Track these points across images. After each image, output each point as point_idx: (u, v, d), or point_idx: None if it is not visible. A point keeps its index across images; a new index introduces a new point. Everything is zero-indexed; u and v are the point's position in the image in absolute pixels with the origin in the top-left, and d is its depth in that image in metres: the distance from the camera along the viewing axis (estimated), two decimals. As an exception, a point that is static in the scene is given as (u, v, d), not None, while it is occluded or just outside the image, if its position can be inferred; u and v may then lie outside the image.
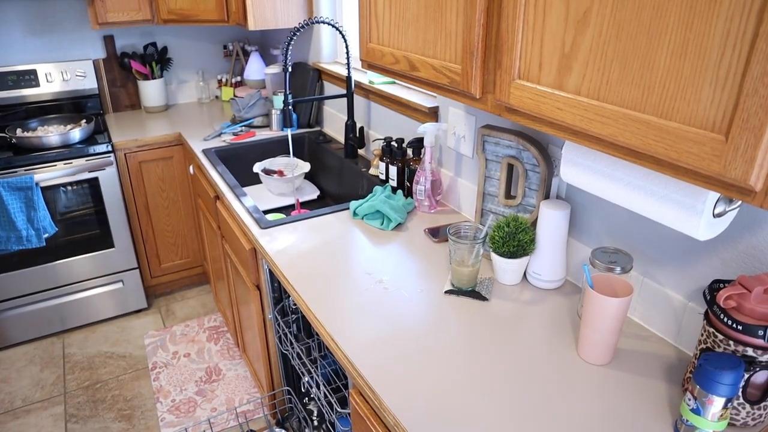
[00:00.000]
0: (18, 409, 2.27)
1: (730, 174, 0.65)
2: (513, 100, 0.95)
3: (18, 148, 2.39)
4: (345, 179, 2.18)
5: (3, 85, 2.64)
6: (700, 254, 1.07)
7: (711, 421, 0.86)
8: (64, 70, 2.74)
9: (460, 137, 1.64)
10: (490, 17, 0.98)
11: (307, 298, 1.30)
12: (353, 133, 2.15)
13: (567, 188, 1.34)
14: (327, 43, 2.48)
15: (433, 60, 1.14)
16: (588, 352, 1.09)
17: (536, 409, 0.98)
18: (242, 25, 2.40)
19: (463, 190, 1.69)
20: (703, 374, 0.85)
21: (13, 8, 2.62)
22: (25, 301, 2.55)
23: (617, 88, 0.77)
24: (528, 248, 1.29)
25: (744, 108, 0.61)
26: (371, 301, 1.29)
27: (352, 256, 1.47)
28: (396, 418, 0.96)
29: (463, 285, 1.31)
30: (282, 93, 2.51)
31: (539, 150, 1.31)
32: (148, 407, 2.26)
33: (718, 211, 0.89)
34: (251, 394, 2.33)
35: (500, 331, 1.19)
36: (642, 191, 0.95)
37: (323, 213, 1.72)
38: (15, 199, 2.27)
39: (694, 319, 1.09)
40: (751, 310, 0.86)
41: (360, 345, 1.14)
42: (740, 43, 0.61)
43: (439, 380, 1.05)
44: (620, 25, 0.74)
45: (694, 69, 0.66)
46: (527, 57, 0.91)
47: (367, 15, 1.34)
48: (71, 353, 2.59)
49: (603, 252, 1.15)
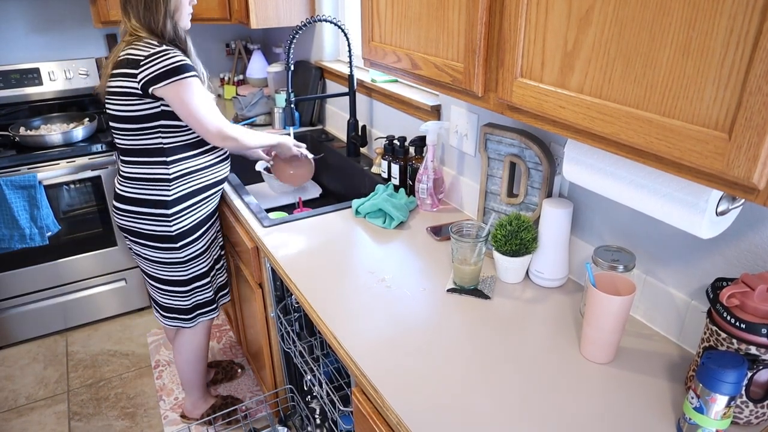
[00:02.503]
0: (21, 407, 2.28)
1: (733, 172, 0.64)
2: (515, 99, 0.95)
3: (21, 147, 2.39)
4: (347, 178, 2.18)
5: (6, 84, 2.64)
6: (702, 252, 1.07)
7: (714, 419, 0.86)
8: (66, 69, 2.75)
9: (463, 135, 1.64)
10: (493, 15, 0.98)
11: (309, 296, 1.30)
12: (355, 132, 2.15)
13: (569, 186, 1.33)
14: (329, 42, 2.48)
15: (436, 58, 1.14)
16: (591, 351, 1.09)
17: (539, 408, 0.98)
18: (245, 24, 2.40)
19: (466, 189, 1.69)
20: (706, 372, 0.85)
21: (16, 7, 2.62)
22: (29, 299, 2.55)
23: (620, 87, 0.77)
24: (530, 247, 1.29)
25: (747, 106, 0.61)
26: (373, 299, 1.29)
27: (355, 255, 1.48)
28: (398, 417, 0.97)
29: (466, 283, 1.31)
30: (284, 91, 2.51)
31: (542, 148, 1.31)
32: (151, 405, 2.27)
33: (721, 210, 0.88)
34: (254, 392, 2.33)
35: (503, 329, 1.19)
36: (645, 189, 0.95)
37: (325, 211, 1.72)
38: (18, 198, 2.28)
39: (697, 317, 1.09)
40: (755, 309, 0.86)
41: (362, 343, 1.14)
42: (743, 41, 0.61)
43: (442, 378, 1.05)
44: (623, 23, 0.74)
45: (696, 67, 0.66)
46: (529, 55, 0.91)
47: (369, 13, 1.34)
48: (74, 351, 2.59)
49: (605, 250, 1.15)
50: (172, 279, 1.82)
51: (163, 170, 1.67)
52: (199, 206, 1.77)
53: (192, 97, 1.59)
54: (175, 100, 1.58)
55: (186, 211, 1.74)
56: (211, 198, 1.81)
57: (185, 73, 1.57)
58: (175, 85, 1.56)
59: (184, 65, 1.58)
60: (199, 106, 1.60)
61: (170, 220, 1.71)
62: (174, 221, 1.72)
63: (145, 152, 1.66)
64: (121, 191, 1.72)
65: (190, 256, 1.80)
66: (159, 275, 1.82)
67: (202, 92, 1.62)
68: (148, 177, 1.68)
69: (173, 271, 1.80)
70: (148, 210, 1.70)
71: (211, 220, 1.85)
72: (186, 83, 1.57)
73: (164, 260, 1.77)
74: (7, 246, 2.32)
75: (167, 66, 1.55)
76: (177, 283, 1.83)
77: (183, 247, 1.77)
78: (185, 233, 1.75)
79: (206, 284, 1.89)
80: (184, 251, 1.77)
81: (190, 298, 1.88)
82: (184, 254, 1.78)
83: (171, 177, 1.68)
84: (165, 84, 1.55)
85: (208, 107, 1.63)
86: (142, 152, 1.66)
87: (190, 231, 1.76)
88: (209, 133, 1.63)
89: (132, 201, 1.70)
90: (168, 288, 1.84)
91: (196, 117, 1.60)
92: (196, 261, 1.82)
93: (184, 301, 1.87)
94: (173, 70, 1.56)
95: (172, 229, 1.72)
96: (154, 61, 1.56)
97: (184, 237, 1.75)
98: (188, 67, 1.59)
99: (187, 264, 1.80)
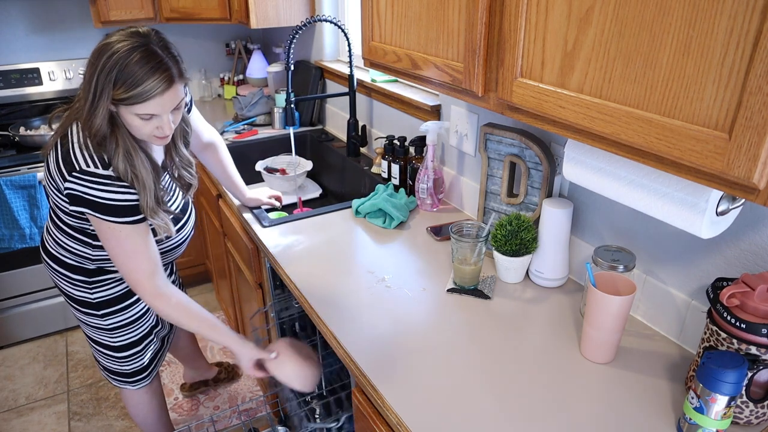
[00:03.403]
0: (22, 407, 2.28)
1: (734, 172, 0.64)
2: (515, 99, 0.95)
3: (21, 147, 2.39)
4: (347, 178, 2.18)
5: (6, 84, 2.64)
6: (703, 252, 1.07)
7: (714, 419, 0.86)
8: (66, 69, 2.75)
9: (463, 135, 1.64)
10: (493, 15, 0.98)
11: (309, 296, 1.30)
12: (355, 132, 2.15)
13: (569, 186, 1.33)
14: (329, 42, 2.48)
15: (436, 58, 1.14)
16: (591, 351, 1.09)
17: (539, 408, 0.98)
18: (245, 24, 2.40)
19: (466, 189, 1.69)
20: (707, 372, 0.85)
21: (16, 7, 2.62)
22: (28, 299, 2.55)
23: (620, 86, 0.76)
24: (530, 246, 1.29)
25: (747, 106, 0.61)
26: (373, 299, 1.29)
27: (355, 255, 1.47)
28: (398, 417, 0.97)
29: (466, 283, 1.31)
30: (284, 91, 2.51)
31: (542, 148, 1.30)
32: (151, 405, 2.27)
33: (721, 209, 0.88)
34: (254, 392, 2.33)
35: (503, 329, 1.19)
36: (645, 189, 0.95)
37: (325, 211, 1.72)
38: (18, 198, 2.28)
39: (698, 317, 1.09)
40: (755, 309, 0.86)
41: (362, 343, 1.14)
42: (743, 41, 0.61)
43: (442, 378, 1.05)
44: (623, 23, 0.74)
45: (697, 67, 0.66)
46: (529, 55, 0.91)
47: (369, 13, 1.33)
48: (74, 351, 2.59)
49: (606, 250, 1.15)
50: (102, 342, 1.60)
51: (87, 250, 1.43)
52: None
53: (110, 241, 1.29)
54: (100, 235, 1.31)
55: (109, 280, 1.50)
56: None
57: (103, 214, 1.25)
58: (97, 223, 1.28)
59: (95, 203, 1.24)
60: (119, 254, 1.30)
61: (90, 287, 1.49)
62: (94, 289, 1.49)
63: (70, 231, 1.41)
64: (47, 245, 1.50)
65: (115, 326, 1.55)
66: (90, 335, 1.61)
67: (133, 237, 1.30)
68: (70, 249, 1.44)
69: (101, 335, 1.58)
70: (69, 274, 1.47)
71: None
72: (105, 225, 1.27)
73: (89, 324, 1.56)
74: (7, 246, 2.32)
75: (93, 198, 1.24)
76: (108, 348, 1.60)
77: (105, 316, 1.53)
78: (107, 302, 1.51)
79: (139, 352, 1.64)
80: (108, 320, 1.54)
81: (128, 364, 1.65)
82: (108, 322, 1.54)
83: (92, 268, 1.47)
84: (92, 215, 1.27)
85: (136, 255, 1.30)
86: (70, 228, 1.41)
87: (113, 301, 1.52)
88: (135, 285, 1.33)
89: (55, 259, 1.48)
90: (100, 350, 1.62)
91: (117, 260, 1.32)
92: (123, 330, 1.57)
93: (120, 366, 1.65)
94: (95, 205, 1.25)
95: (92, 297, 1.50)
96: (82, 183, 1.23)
97: (106, 306, 1.52)
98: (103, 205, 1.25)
99: (113, 332, 1.56)
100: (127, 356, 1.62)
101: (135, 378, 1.69)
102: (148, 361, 1.68)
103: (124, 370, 1.66)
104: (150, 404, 1.79)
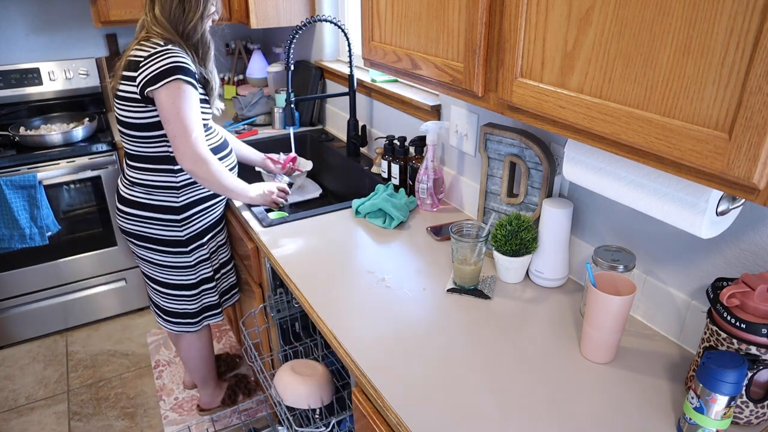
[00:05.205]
0: (21, 407, 2.28)
1: (734, 172, 0.64)
2: (515, 99, 0.95)
3: (21, 147, 2.39)
4: (347, 178, 2.18)
5: (6, 84, 2.64)
6: (703, 252, 1.07)
7: (714, 419, 0.86)
8: (66, 69, 2.75)
9: (463, 135, 1.64)
10: (493, 15, 0.98)
11: (309, 296, 1.30)
12: (355, 132, 2.15)
13: (569, 186, 1.33)
14: (329, 42, 2.48)
15: (436, 58, 1.14)
16: (591, 351, 1.09)
17: (539, 408, 0.98)
18: (245, 24, 2.40)
19: (466, 189, 1.69)
20: (707, 372, 0.85)
21: (16, 7, 2.62)
22: (29, 299, 2.55)
23: (620, 86, 0.76)
24: (530, 246, 1.29)
25: (747, 106, 0.61)
26: (373, 299, 1.29)
27: (355, 255, 1.47)
28: (398, 416, 0.97)
29: (466, 283, 1.31)
30: (284, 91, 2.51)
31: (542, 148, 1.30)
32: (151, 405, 2.27)
33: (721, 209, 0.88)
34: (254, 392, 2.33)
35: (503, 329, 1.19)
36: (645, 189, 0.95)
37: (325, 211, 1.72)
38: (18, 198, 2.28)
39: (697, 317, 1.09)
40: (755, 309, 0.86)
41: (362, 343, 1.14)
42: (743, 41, 0.61)
43: (442, 378, 1.05)
44: (623, 23, 0.74)
45: (697, 67, 0.66)
46: (530, 55, 0.91)
47: (369, 13, 1.33)
48: (74, 351, 2.59)
49: (606, 250, 1.15)
50: (180, 283, 1.81)
51: (171, 178, 1.66)
52: (207, 211, 1.77)
53: (175, 102, 1.48)
54: (162, 102, 1.48)
55: (195, 217, 1.73)
56: (219, 203, 1.80)
57: (178, 75, 1.48)
58: (165, 87, 1.47)
59: (181, 67, 1.49)
60: (179, 113, 1.48)
61: (180, 225, 1.71)
62: (184, 226, 1.72)
63: (152, 159, 1.64)
64: (128, 195, 1.69)
65: (199, 260, 1.79)
66: (166, 279, 1.81)
67: (192, 102, 1.51)
68: (156, 184, 1.66)
69: (181, 274, 1.80)
70: (157, 215, 1.68)
71: (219, 225, 1.85)
72: (174, 86, 1.48)
73: (172, 264, 1.77)
74: (7, 246, 2.33)
75: (163, 66, 1.47)
76: (184, 287, 1.82)
77: (192, 251, 1.77)
78: (194, 237, 1.75)
79: (212, 288, 1.88)
80: (193, 255, 1.77)
81: (198, 302, 1.87)
82: (192, 258, 1.77)
83: (179, 185, 1.67)
84: (158, 86, 1.47)
85: (192, 119, 1.51)
86: (149, 159, 1.64)
87: (199, 235, 1.76)
88: (183, 147, 1.50)
89: (139, 205, 1.68)
90: (175, 292, 1.83)
91: (174, 124, 1.49)
92: (204, 264, 1.82)
93: (191, 305, 1.86)
94: (167, 70, 1.47)
95: (182, 234, 1.72)
96: (152, 61, 1.49)
97: (193, 241, 1.75)
98: (185, 70, 1.49)
99: (195, 268, 1.80)
100: (204, 290, 1.86)
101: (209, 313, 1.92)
102: (218, 295, 1.92)
103: (192, 309, 1.87)
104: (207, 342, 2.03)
